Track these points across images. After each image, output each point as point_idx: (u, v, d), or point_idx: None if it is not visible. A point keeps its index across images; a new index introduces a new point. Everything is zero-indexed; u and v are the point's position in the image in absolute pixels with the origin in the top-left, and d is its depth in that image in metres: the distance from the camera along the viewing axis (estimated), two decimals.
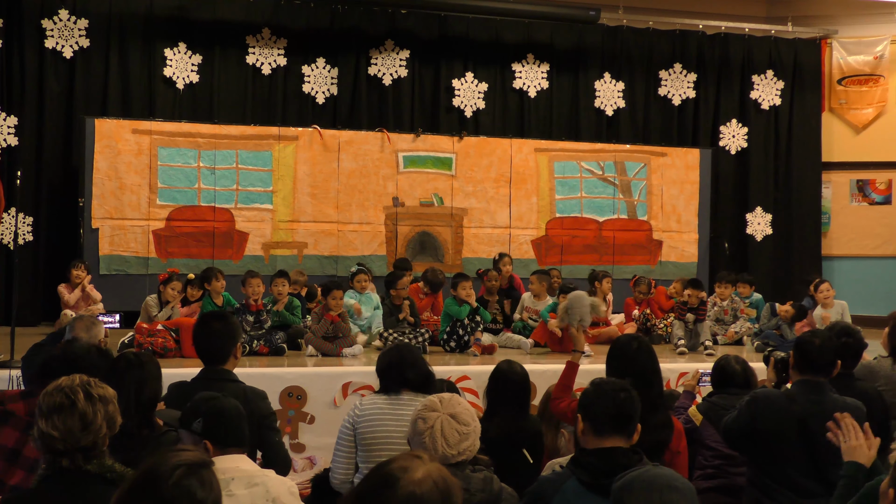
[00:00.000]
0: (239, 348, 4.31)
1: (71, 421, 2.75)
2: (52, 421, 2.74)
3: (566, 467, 3.27)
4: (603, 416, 3.23)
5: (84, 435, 2.75)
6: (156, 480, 2.04)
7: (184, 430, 3.29)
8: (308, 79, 11.49)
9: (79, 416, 2.76)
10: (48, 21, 10.59)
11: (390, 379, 4.35)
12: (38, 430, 2.77)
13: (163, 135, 10.44)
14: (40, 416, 2.78)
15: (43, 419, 2.77)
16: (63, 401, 2.78)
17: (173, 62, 11.03)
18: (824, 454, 4.05)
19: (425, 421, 3.21)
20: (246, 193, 10.66)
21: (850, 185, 13.17)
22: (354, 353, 7.77)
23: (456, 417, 3.23)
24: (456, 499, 2.03)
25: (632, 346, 4.41)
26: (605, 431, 3.22)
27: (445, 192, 11.26)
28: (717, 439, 4.75)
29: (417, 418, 3.25)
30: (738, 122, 12.91)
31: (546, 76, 12.27)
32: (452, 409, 3.24)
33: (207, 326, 4.33)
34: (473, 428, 3.29)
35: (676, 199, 12.02)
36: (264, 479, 3.16)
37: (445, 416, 3.22)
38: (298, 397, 6.87)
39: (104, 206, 10.18)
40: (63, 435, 2.73)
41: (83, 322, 5.13)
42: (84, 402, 2.79)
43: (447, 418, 3.21)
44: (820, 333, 4.45)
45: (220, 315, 4.59)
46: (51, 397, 2.80)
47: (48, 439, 2.73)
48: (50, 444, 2.73)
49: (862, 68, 12.92)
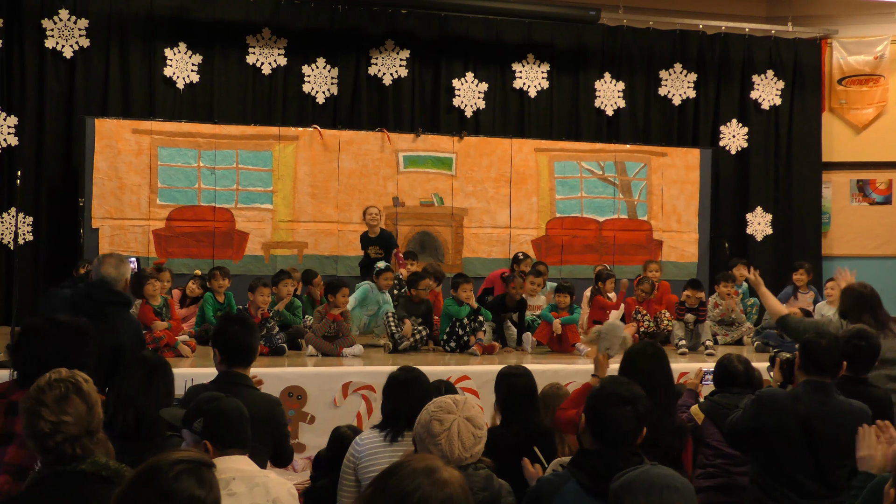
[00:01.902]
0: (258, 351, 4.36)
1: (80, 405, 2.80)
2: (62, 409, 2.77)
3: (566, 468, 3.25)
4: (605, 428, 3.15)
5: (91, 418, 2.81)
6: (156, 474, 2.07)
7: (185, 430, 3.28)
8: (308, 79, 11.47)
9: (84, 399, 2.82)
10: (48, 21, 10.57)
11: (396, 427, 4.11)
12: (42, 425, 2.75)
13: (163, 135, 10.43)
14: (44, 410, 2.77)
15: (49, 411, 2.76)
16: (66, 389, 2.81)
17: (173, 62, 11.02)
18: (827, 455, 4.03)
19: (442, 423, 3.14)
20: (246, 193, 10.65)
21: (850, 185, 13.15)
22: (355, 353, 7.75)
23: (472, 420, 3.19)
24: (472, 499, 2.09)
25: (646, 352, 4.35)
26: (607, 441, 3.16)
27: (446, 192, 11.24)
28: (719, 438, 4.72)
29: (432, 420, 3.16)
30: (738, 122, 12.89)
31: (546, 76, 12.25)
32: (468, 412, 3.20)
33: (239, 326, 4.28)
34: (485, 432, 3.26)
35: (677, 199, 12.01)
36: (264, 479, 3.16)
37: (462, 418, 3.17)
38: (298, 397, 6.85)
39: (104, 206, 10.16)
40: (76, 419, 2.76)
41: (112, 259, 5.10)
42: (85, 385, 2.85)
43: (464, 421, 3.16)
44: (826, 334, 4.42)
45: (245, 318, 4.55)
46: (53, 390, 2.81)
47: (60, 426, 2.74)
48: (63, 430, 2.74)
49: (862, 68, 12.89)
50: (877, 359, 4.74)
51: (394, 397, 4.21)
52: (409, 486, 1.99)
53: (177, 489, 2.05)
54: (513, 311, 8.80)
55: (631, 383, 3.33)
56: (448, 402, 3.24)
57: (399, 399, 4.15)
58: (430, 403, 3.28)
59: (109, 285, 5.07)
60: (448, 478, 2.03)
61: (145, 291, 7.97)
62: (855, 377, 4.59)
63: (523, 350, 8.52)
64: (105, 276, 5.04)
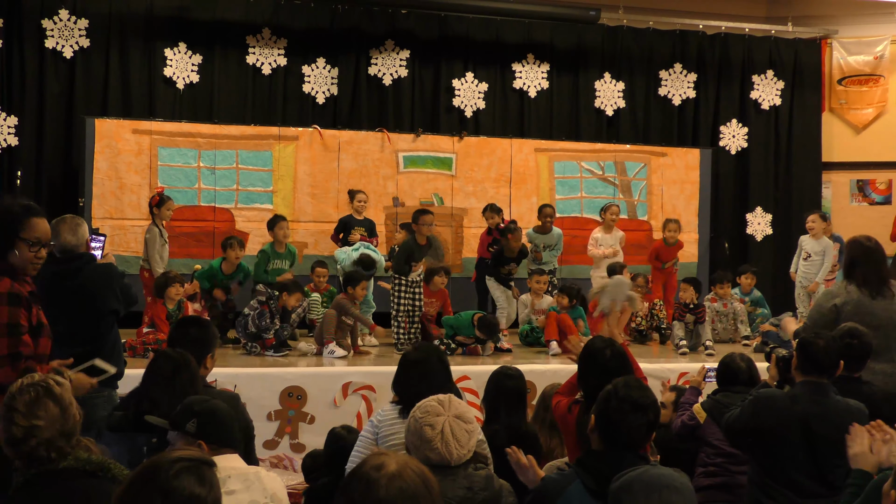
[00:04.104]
0: (210, 359, 4.29)
1: (52, 407, 2.79)
2: (34, 413, 2.77)
3: (572, 468, 3.22)
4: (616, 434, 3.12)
5: (65, 420, 2.80)
6: (156, 472, 2.08)
7: (174, 433, 3.28)
8: (308, 79, 11.46)
9: (56, 401, 2.81)
10: (48, 21, 10.55)
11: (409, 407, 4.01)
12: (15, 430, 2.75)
13: (163, 135, 10.41)
14: (16, 415, 2.77)
15: (21, 416, 2.77)
16: (37, 393, 2.81)
17: (173, 62, 11.00)
18: (826, 455, 4.03)
19: (433, 427, 3.11)
20: (246, 193, 10.64)
21: (850, 185, 13.14)
22: (337, 355, 7.77)
23: (461, 417, 3.17)
24: (433, 483, 2.11)
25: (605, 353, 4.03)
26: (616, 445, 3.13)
27: (445, 192, 11.23)
28: (720, 437, 4.72)
29: (423, 426, 3.13)
30: (738, 122, 12.88)
31: (546, 76, 12.24)
32: (456, 410, 3.18)
33: (184, 331, 4.34)
34: (476, 426, 3.25)
35: (676, 199, 11.99)
36: (258, 476, 3.19)
37: (451, 417, 3.15)
38: (298, 397, 6.85)
39: (104, 206, 10.15)
40: (49, 422, 2.76)
41: (66, 224, 4.88)
42: (56, 387, 2.84)
43: (454, 420, 3.14)
44: (824, 334, 4.41)
45: (197, 321, 4.59)
46: (23, 395, 2.82)
47: (33, 431, 2.74)
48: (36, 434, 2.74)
49: (862, 68, 12.88)
50: (869, 357, 4.74)
51: (404, 377, 4.18)
52: None
53: (177, 487, 2.05)
54: (515, 261, 9.05)
55: (644, 388, 3.24)
56: (433, 404, 3.20)
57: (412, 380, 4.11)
58: (416, 409, 3.24)
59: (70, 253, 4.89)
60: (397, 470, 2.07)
61: (168, 293, 7.97)
62: (849, 376, 4.60)
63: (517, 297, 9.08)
64: (66, 244, 4.85)
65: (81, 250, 4.92)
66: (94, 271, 4.93)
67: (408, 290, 8.39)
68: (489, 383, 4.77)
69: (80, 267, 4.86)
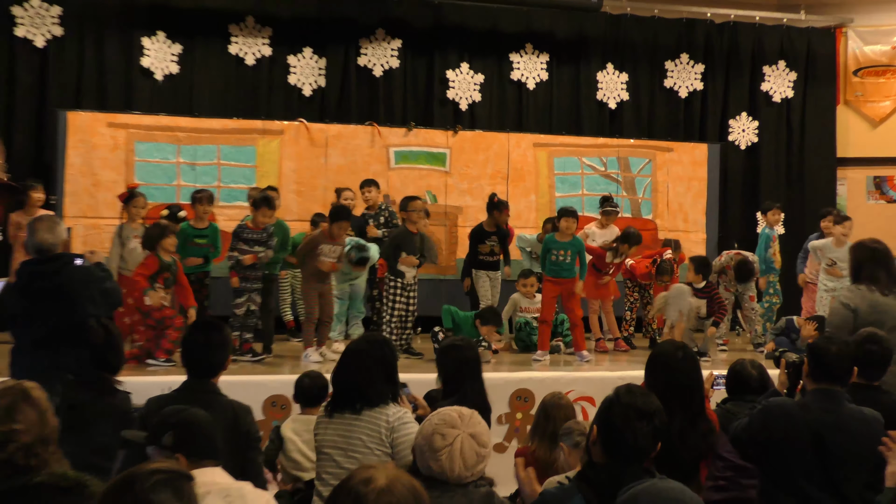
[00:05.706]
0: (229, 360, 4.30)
1: (30, 412, 2.85)
2: (12, 417, 2.82)
3: (572, 481, 3.20)
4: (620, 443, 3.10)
5: (44, 425, 2.85)
6: (132, 484, 2.08)
7: (151, 448, 3.24)
8: (294, 70, 11.44)
9: (33, 407, 2.87)
10: (18, 8, 10.53)
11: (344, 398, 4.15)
12: None
13: (140, 129, 10.40)
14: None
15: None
16: (13, 399, 2.86)
17: (152, 52, 10.99)
18: (839, 466, 4.01)
19: (445, 437, 3.09)
20: (228, 191, 10.63)
21: (866, 181, 13.17)
22: (315, 360, 7.85)
23: (476, 437, 3.14)
24: (425, 498, 2.14)
25: (677, 355, 4.22)
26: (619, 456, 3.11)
27: (439, 189, 11.22)
28: (730, 449, 4.69)
29: (434, 433, 3.11)
30: (748, 115, 12.91)
31: (545, 67, 12.25)
32: (473, 429, 3.15)
33: (205, 336, 4.24)
34: (489, 450, 3.21)
35: (683, 196, 12.01)
36: (241, 492, 3.15)
37: (466, 434, 3.12)
38: (283, 406, 6.81)
39: (77, 205, 10.13)
40: (27, 427, 2.80)
41: (43, 223, 4.92)
42: (34, 392, 2.90)
43: (468, 437, 3.11)
44: (837, 339, 4.38)
45: (216, 325, 4.50)
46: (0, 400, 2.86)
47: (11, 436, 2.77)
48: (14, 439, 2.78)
49: (879, 59, 12.91)
50: (889, 363, 4.72)
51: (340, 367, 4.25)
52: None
53: (154, 500, 2.05)
54: (493, 234, 9.26)
55: (648, 394, 3.24)
56: (453, 415, 3.18)
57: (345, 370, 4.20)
58: (434, 415, 3.24)
59: (48, 252, 4.92)
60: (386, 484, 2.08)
61: (164, 244, 7.67)
62: (867, 384, 4.58)
63: None
64: (41, 243, 4.87)
65: (59, 250, 4.96)
66: (72, 273, 4.93)
67: (402, 294, 8.36)
68: (444, 357, 4.89)
69: (59, 269, 4.87)
